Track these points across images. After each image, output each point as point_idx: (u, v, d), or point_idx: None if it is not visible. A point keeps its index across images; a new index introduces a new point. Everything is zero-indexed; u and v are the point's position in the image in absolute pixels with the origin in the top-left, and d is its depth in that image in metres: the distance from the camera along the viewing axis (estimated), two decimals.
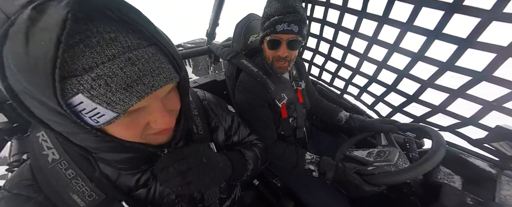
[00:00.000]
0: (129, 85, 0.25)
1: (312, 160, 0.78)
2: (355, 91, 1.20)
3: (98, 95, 0.24)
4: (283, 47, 0.76)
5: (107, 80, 0.24)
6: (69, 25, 0.21)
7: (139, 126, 0.32)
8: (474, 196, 0.67)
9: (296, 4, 0.72)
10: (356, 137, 0.94)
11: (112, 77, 0.24)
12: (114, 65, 0.24)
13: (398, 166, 0.65)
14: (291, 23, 0.72)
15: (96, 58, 0.23)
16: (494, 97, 0.69)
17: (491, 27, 0.63)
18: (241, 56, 0.93)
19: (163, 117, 0.32)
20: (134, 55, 0.26)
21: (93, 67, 0.23)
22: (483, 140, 0.76)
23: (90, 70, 0.23)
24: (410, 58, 0.85)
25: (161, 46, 0.30)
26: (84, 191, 0.37)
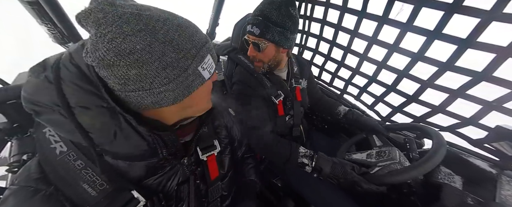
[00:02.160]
0: (214, 53, 0.44)
1: (306, 154, 0.76)
2: (355, 92, 1.20)
3: (212, 54, 0.42)
4: (251, 47, 0.83)
5: (210, 48, 0.42)
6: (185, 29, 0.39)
7: (212, 80, 0.46)
8: (474, 196, 0.67)
9: (265, 8, 0.75)
10: (349, 141, 0.94)
11: (211, 51, 0.42)
12: (210, 41, 0.42)
13: (403, 164, 0.65)
14: (253, 26, 0.77)
15: (204, 37, 0.41)
16: (494, 97, 0.69)
17: (491, 27, 0.63)
18: (238, 52, 0.94)
19: (215, 75, 0.47)
20: (208, 45, 0.42)
21: (207, 40, 0.41)
22: (483, 140, 0.76)
23: (205, 45, 0.40)
24: (410, 58, 0.85)
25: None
26: (95, 181, 0.38)
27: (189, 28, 0.37)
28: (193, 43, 0.37)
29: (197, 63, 0.38)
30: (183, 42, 0.35)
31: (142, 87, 0.34)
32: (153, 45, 0.32)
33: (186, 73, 0.37)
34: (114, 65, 0.32)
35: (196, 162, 0.55)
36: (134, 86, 0.34)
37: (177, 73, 0.35)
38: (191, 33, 0.37)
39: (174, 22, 0.36)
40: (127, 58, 0.31)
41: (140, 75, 0.33)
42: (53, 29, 0.87)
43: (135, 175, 0.42)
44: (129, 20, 0.31)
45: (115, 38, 0.30)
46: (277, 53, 0.83)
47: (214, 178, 0.57)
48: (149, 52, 0.32)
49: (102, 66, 0.32)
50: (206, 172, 0.56)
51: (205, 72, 0.40)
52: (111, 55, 0.31)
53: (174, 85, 0.36)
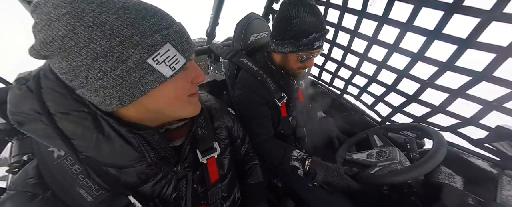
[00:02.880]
0: (188, 40, 0.37)
1: (298, 157, 0.77)
2: (355, 92, 1.20)
3: (178, 43, 0.35)
4: (312, 59, 0.81)
5: (180, 34, 0.35)
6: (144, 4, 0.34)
7: (189, 79, 0.40)
8: (475, 196, 0.67)
9: (323, 20, 0.75)
10: (349, 141, 0.94)
11: (181, 32, 0.36)
12: (178, 25, 0.36)
13: (403, 164, 0.65)
14: (322, 40, 0.75)
15: (168, 21, 0.35)
16: (494, 97, 0.69)
17: (491, 28, 0.63)
18: (241, 55, 0.93)
19: (200, 71, 0.42)
20: (177, 25, 0.37)
21: (170, 26, 0.35)
22: (484, 140, 0.76)
23: (170, 27, 0.34)
24: (410, 58, 0.85)
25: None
26: (91, 186, 0.37)
27: (137, 11, 0.31)
28: (138, 28, 0.31)
29: (143, 53, 0.31)
30: (120, 26, 0.30)
31: (81, 84, 0.31)
32: (76, 30, 0.28)
33: (126, 65, 0.30)
34: (48, 57, 0.31)
35: (194, 164, 0.53)
36: (74, 82, 0.31)
37: (112, 65, 0.30)
38: (139, 16, 0.31)
39: (117, 4, 0.30)
40: (49, 47, 0.28)
41: (71, 68, 0.30)
42: None
43: (127, 182, 0.41)
44: (58, 4, 0.28)
45: (43, 26, 0.28)
46: None
47: (214, 181, 0.56)
48: (72, 39, 0.28)
49: (44, 60, 0.33)
50: (206, 175, 0.55)
51: (162, 67, 0.33)
52: (39, 46, 0.29)
53: (112, 80, 0.31)
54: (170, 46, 0.33)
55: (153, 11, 0.34)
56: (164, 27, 0.34)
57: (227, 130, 0.65)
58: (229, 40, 1.33)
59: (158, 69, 0.33)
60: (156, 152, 0.41)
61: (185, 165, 0.51)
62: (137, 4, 0.32)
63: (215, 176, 0.56)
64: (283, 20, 0.73)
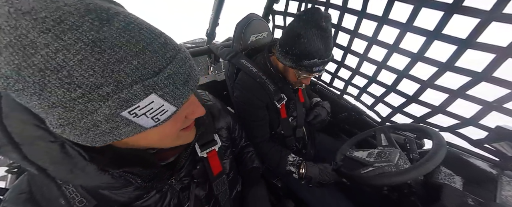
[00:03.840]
0: (186, 81, 0.29)
1: (294, 162, 0.82)
2: (355, 92, 1.20)
3: (168, 92, 0.27)
4: (309, 79, 0.82)
5: (174, 78, 0.27)
6: (128, 35, 0.24)
7: (181, 120, 0.35)
8: (475, 196, 0.67)
9: (331, 44, 0.73)
10: (355, 137, 0.93)
11: (177, 75, 0.28)
12: (175, 65, 0.28)
13: (399, 167, 0.65)
14: (325, 66, 0.76)
15: (162, 61, 0.26)
16: (494, 97, 0.69)
17: (490, 28, 0.63)
18: (240, 56, 0.93)
19: (199, 106, 0.36)
20: (182, 55, 0.30)
21: (162, 69, 0.26)
22: (484, 140, 0.76)
23: (161, 72, 0.26)
24: (410, 59, 0.85)
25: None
26: (74, 197, 0.36)
27: (115, 48, 0.22)
28: (111, 75, 0.22)
29: (115, 108, 0.24)
30: (83, 73, 0.21)
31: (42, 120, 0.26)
32: (23, 73, 0.20)
33: (91, 118, 0.24)
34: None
35: (193, 159, 0.52)
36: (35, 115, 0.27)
37: (75, 117, 0.23)
38: (114, 58, 0.22)
39: (87, 35, 0.21)
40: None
41: (28, 106, 0.24)
42: None
43: (118, 200, 0.39)
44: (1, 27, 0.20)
45: None
46: None
47: (217, 173, 0.54)
48: (18, 81, 0.21)
49: None
50: (208, 168, 0.53)
51: (142, 120, 0.27)
52: None
53: (75, 129, 0.25)
54: (156, 97, 0.26)
55: (142, 44, 0.24)
56: (151, 73, 0.25)
57: (229, 131, 0.64)
58: (229, 41, 1.33)
59: (136, 121, 0.26)
60: (143, 177, 0.37)
61: (181, 175, 0.49)
62: (119, 34, 0.23)
63: (218, 169, 0.55)
64: (291, 35, 0.72)
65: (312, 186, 0.79)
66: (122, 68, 0.23)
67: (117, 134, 0.27)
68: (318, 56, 0.71)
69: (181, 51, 0.30)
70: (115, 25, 0.23)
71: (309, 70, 0.74)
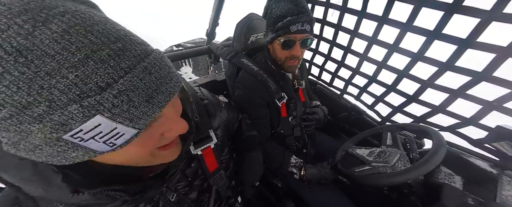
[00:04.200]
0: (150, 97, 0.24)
1: (296, 164, 0.84)
2: (355, 92, 1.20)
3: (120, 113, 0.22)
4: (297, 46, 0.78)
5: (130, 95, 0.22)
6: (68, 40, 0.19)
7: (153, 140, 0.29)
8: (475, 196, 0.67)
9: (305, 4, 0.74)
10: (361, 134, 0.93)
11: (134, 91, 0.22)
12: (133, 77, 0.22)
13: (396, 168, 0.65)
14: (304, 23, 0.74)
15: (112, 73, 0.21)
16: (494, 97, 0.69)
17: (491, 27, 0.63)
18: (241, 56, 0.93)
19: (178, 123, 0.30)
20: (148, 63, 0.24)
21: (111, 84, 0.21)
22: (484, 140, 0.76)
23: (109, 87, 0.21)
24: (410, 58, 0.85)
25: (159, 50, 0.29)
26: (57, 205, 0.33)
27: (45, 57, 0.18)
28: (41, 93, 0.18)
29: (49, 133, 0.20)
30: (6, 89, 0.18)
31: None
32: None
33: (29, 141, 0.20)
34: None
35: (188, 157, 0.49)
36: None
37: (13, 137, 0.20)
38: (46, 69, 0.18)
39: (15, 40, 0.17)
40: None
41: None
42: None
43: None
44: None
45: None
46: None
47: (213, 170, 0.52)
48: None
49: None
50: (204, 166, 0.51)
51: (93, 144, 0.22)
52: None
53: (19, 151, 0.21)
54: (103, 119, 0.21)
55: (84, 53, 0.19)
56: (95, 89, 0.20)
57: (227, 126, 0.62)
58: (229, 41, 1.33)
59: (85, 145, 0.22)
60: (127, 191, 0.33)
61: (175, 180, 0.45)
62: (54, 40, 0.18)
63: (213, 166, 0.52)
64: (267, 13, 0.77)
65: (312, 186, 0.81)
66: (54, 84, 0.18)
67: (68, 158, 0.22)
68: (290, 14, 0.72)
69: (148, 58, 0.24)
70: (52, 29, 0.18)
71: (287, 31, 0.74)
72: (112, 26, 0.23)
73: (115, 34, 0.23)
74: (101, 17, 0.23)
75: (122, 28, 0.25)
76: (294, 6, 0.73)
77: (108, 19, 0.24)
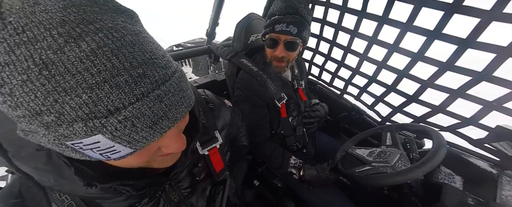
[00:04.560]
0: (154, 123, 0.24)
1: (295, 165, 0.84)
2: (355, 92, 1.20)
3: (121, 135, 0.22)
4: (280, 47, 0.77)
5: (134, 121, 0.22)
6: (92, 61, 0.20)
7: (150, 153, 0.29)
8: (475, 196, 0.67)
9: (298, 6, 0.72)
10: (361, 134, 0.93)
11: (140, 118, 0.23)
12: (143, 105, 0.23)
13: (396, 168, 0.65)
14: (289, 24, 0.72)
15: (123, 99, 0.21)
16: (494, 97, 0.69)
17: (491, 27, 0.63)
18: (241, 56, 0.93)
19: (177, 142, 0.30)
20: (162, 91, 0.24)
21: (120, 109, 0.21)
22: (484, 140, 0.76)
23: (117, 112, 0.21)
24: (410, 58, 0.85)
25: (181, 71, 0.28)
26: (63, 200, 0.35)
27: (66, 75, 0.19)
28: (53, 106, 0.20)
29: (55, 138, 0.21)
30: (25, 95, 0.19)
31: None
32: None
33: (37, 139, 0.23)
34: None
35: (195, 157, 0.50)
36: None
37: (26, 129, 0.22)
38: (62, 87, 0.19)
39: (37, 54, 0.18)
40: None
41: None
42: None
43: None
44: None
45: None
46: (299, 52, 0.85)
47: (220, 170, 0.54)
48: None
49: None
50: (211, 166, 0.52)
51: (90, 153, 0.24)
52: None
53: (26, 138, 0.24)
54: (102, 138, 0.22)
55: (103, 76, 0.20)
56: (103, 112, 0.21)
57: (229, 130, 0.63)
58: (229, 40, 1.33)
59: (84, 152, 0.24)
60: (133, 186, 0.35)
61: (179, 178, 0.46)
62: (80, 59, 0.19)
63: (220, 166, 0.54)
64: (266, 13, 0.79)
65: (312, 187, 0.81)
66: (67, 100, 0.19)
67: (70, 155, 0.24)
68: (278, 13, 0.73)
69: (165, 85, 0.24)
70: (82, 47, 0.19)
71: (272, 30, 0.74)
72: (140, 48, 0.23)
73: (139, 58, 0.23)
74: (133, 34, 0.23)
75: (150, 50, 0.24)
76: (285, 5, 0.72)
77: (140, 35, 0.24)
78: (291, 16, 0.72)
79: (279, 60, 0.81)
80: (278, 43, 0.76)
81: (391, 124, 0.89)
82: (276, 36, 0.75)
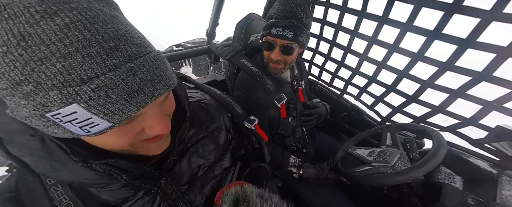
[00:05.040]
0: (129, 96, 0.25)
1: (295, 164, 0.84)
2: (355, 92, 1.20)
3: (96, 105, 0.23)
4: (276, 51, 0.77)
5: (108, 91, 0.24)
6: (65, 33, 0.21)
7: (133, 133, 0.30)
8: (475, 196, 0.67)
9: (296, 9, 0.71)
10: (361, 134, 0.93)
11: (113, 89, 0.24)
12: (115, 76, 0.24)
13: (396, 168, 0.65)
14: (285, 29, 0.72)
15: (96, 69, 0.23)
16: (494, 97, 0.69)
17: (491, 27, 0.63)
18: (240, 56, 0.93)
19: (160, 123, 0.31)
20: (135, 65, 0.25)
21: (92, 78, 0.23)
22: (484, 140, 0.76)
23: (89, 81, 0.23)
24: (410, 59, 0.85)
25: (158, 52, 0.30)
26: (61, 200, 0.35)
27: (41, 45, 0.21)
28: (31, 74, 0.21)
29: (34, 109, 0.23)
30: (5, 65, 0.21)
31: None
32: None
33: (22, 112, 0.24)
34: None
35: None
36: None
37: (12, 106, 0.24)
38: (39, 55, 0.21)
39: (18, 24, 0.20)
40: None
41: None
42: None
43: (105, 200, 0.38)
44: None
45: None
46: (297, 55, 0.85)
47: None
48: None
49: None
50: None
51: (70, 127, 0.24)
52: None
53: (15, 116, 0.25)
54: (79, 108, 0.23)
55: (75, 47, 0.22)
56: (77, 80, 0.22)
57: (226, 131, 0.60)
58: (229, 40, 1.33)
59: (64, 126, 0.24)
60: (129, 173, 0.36)
61: (173, 176, 0.45)
62: (53, 31, 0.21)
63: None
64: (266, 13, 0.76)
65: (311, 185, 0.81)
66: (43, 69, 0.21)
67: (52, 132, 0.25)
68: (275, 16, 0.73)
69: (138, 60, 0.26)
70: (56, 21, 0.21)
71: (268, 33, 0.74)
72: (114, 26, 0.25)
73: (112, 33, 0.25)
74: (108, 16, 0.25)
75: (125, 29, 0.26)
76: (282, 9, 0.72)
77: (115, 18, 0.26)
78: (288, 21, 0.71)
79: (275, 62, 0.81)
80: (274, 47, 0.77)
81: (391, 124, 0.89)
82: (272, 39, 0.75)
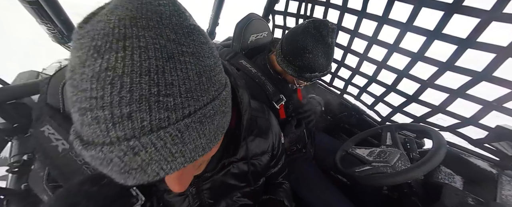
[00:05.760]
0: (126, 171, 0.20)
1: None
2: (355, 92, 1.20)
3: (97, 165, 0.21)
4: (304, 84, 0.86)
5: (103, 163, 0.20)
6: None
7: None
8: (475, 196, 0.67)
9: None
10: (361, 134, 0.93)
11: (109, 164, 0.20)
12: (113, 151, 0.19)
13: (396, 168, 0.65)
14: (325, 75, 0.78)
15: (98, 137, 0.19)
16: (494, 97, 0.69)
17: (491, 27, 0.63)
18: (240, 57, 0.93)
19: (174, 185, 0.27)
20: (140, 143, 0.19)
21: (90, 145, 0.20)
22: (484, 140, 0.76)
23: (87, 147, 0.20)
24: (410, 58, 0.85)
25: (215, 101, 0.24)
26: None
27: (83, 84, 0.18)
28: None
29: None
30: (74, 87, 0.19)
31: None
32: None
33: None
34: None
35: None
36: None
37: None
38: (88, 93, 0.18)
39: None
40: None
41: None
42: (52, 29, 0.87)
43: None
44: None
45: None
46: None
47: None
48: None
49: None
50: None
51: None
52: None
53: None
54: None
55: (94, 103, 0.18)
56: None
57: (270, 157, 0.56)
58: (229, 40, 1.33)
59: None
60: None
61: (208, 176, 0.46)
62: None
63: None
64: (297, 47, 0.72)
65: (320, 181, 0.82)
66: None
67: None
68: (319, 70, 0.74)
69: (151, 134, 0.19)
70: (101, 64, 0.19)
71: (307, 81, 0.80)
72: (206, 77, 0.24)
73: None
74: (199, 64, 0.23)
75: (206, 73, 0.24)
76: (327, 64, 0.74)
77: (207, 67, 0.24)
78: (328, 71, 0.78)
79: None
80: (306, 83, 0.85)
81: (391, 124, 0.89)
82: (310, 83, 0.84)
